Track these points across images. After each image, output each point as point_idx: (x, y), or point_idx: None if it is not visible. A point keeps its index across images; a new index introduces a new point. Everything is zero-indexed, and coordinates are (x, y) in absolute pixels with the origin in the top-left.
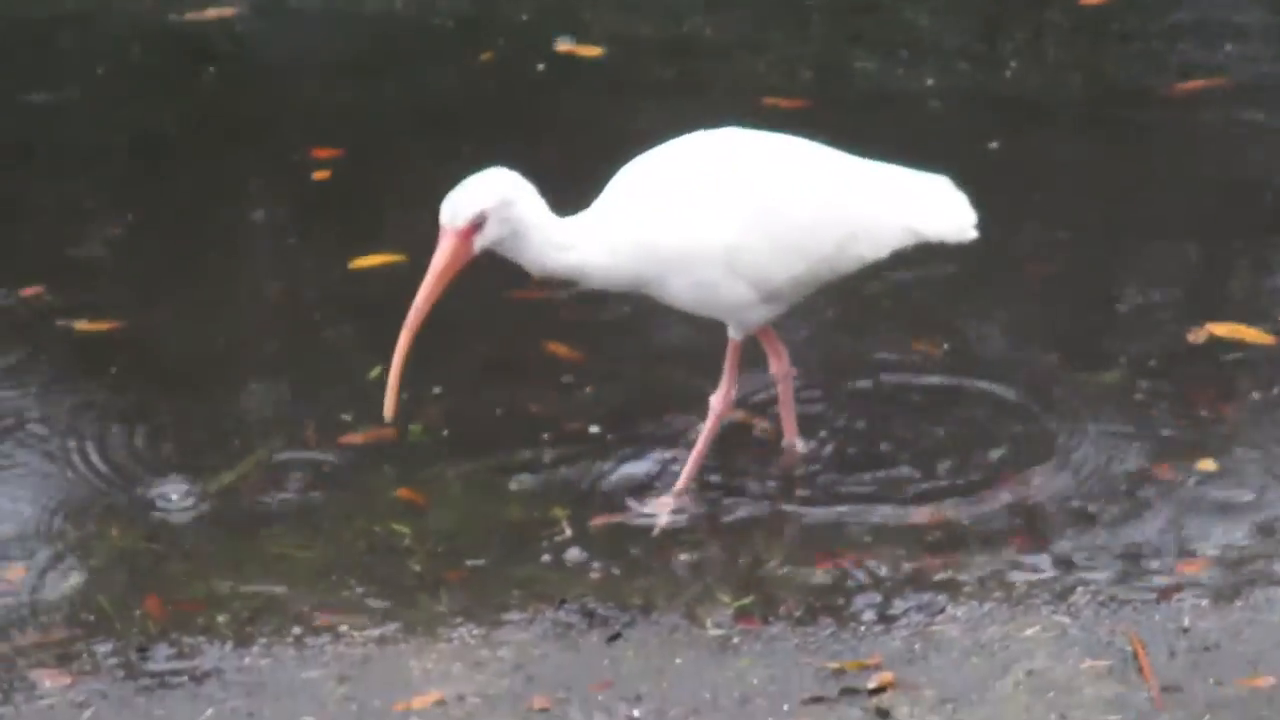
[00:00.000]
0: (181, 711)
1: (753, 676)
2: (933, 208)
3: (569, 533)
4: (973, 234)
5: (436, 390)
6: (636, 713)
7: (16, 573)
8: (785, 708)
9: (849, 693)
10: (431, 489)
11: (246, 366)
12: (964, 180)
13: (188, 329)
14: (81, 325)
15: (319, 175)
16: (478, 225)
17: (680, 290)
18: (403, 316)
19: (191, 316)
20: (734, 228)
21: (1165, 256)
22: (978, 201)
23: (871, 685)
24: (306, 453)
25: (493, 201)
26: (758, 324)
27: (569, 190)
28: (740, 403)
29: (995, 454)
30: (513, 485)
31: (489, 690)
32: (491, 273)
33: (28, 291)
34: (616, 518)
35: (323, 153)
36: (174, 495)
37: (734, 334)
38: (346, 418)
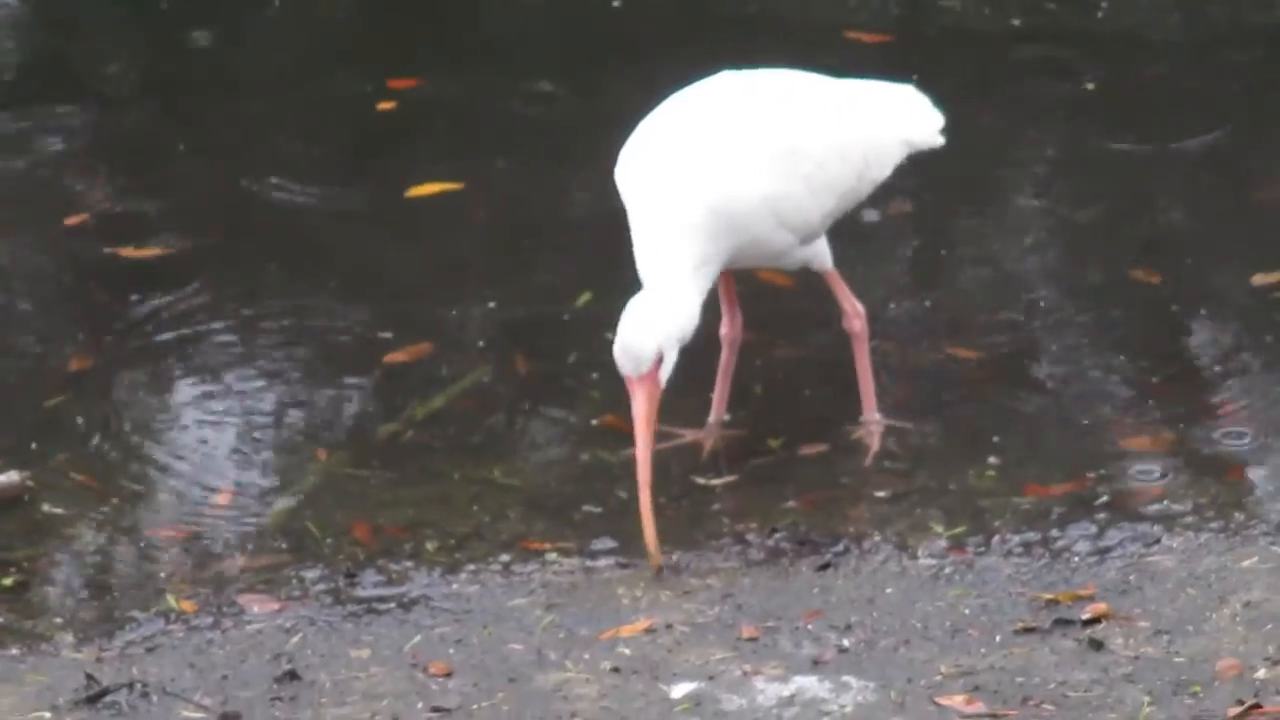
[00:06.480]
0: (389, 637)
1: (964, 607)
2: (913, 116)
3: (780, 460)
4: (941, 139)
5: None
6: (846, 642)
7: (224, 498)
8: (997, 638)
9: (1062, 623)
10: None
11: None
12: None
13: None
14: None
15: (384, 106)
16: (659, 362)
17: (744, 250)
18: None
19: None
20: (769, 178)
21: None
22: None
23: (1085, 616)
24: (511, 380)
25: (666, 338)
26: (820, 259)
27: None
28: (945, 330)
29: (1216, 382)
30: (725, 414)
31: (697, 619)
32: None
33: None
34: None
35: (398, 83)
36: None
37: (817, 268)
38: (536, 344)
